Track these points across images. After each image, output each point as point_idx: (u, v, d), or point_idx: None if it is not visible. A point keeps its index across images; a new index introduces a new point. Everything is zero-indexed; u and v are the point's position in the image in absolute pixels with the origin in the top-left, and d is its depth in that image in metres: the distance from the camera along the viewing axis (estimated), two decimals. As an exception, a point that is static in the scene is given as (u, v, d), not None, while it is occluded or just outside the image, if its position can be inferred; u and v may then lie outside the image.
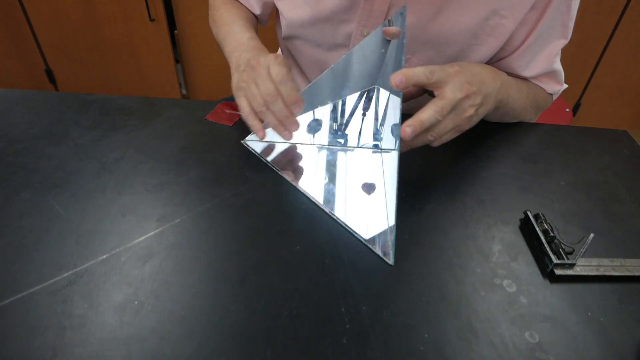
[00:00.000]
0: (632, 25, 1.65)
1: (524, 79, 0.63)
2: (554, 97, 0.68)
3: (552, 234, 0.45)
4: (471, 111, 0.48)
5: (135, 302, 0.39)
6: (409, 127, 0.45)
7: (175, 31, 1.79)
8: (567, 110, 1.25)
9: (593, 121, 1.94)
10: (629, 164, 0.59)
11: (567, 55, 1.73)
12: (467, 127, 0.50)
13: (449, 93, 0.46)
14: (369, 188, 0.51)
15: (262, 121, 0.55)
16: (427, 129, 0.47)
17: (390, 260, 0.44)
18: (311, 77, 0.75)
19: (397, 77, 0.45)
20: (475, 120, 0.51)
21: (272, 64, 0.53)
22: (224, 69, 1.87)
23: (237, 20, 0.68)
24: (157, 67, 1.88)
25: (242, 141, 0.53)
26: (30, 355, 0.35)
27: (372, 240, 0.46)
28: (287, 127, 0.54)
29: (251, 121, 0.55)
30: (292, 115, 0.53)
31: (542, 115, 1.23)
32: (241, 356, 0.36)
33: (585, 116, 1.92)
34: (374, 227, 0.47)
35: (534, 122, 0.67)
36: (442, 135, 0.48)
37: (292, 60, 0.77)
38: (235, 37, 0.64)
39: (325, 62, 0.69)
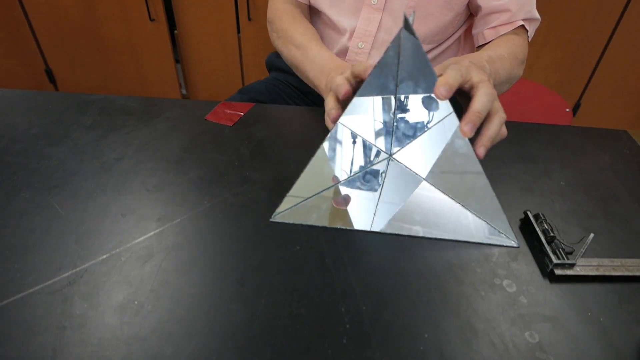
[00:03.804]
0: (632, 25, 1.65)
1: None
2: (530, 31, 0.69)
3: (552, 234, 0.45)
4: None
5: (135, 302, 0.39)
6: (467, 125, 0.42)
7: (175, 31, 1.79)
8: (567, 110, 1.25)
9: (593, 121, 1.94)
10: (629, 164, 0.59)
11: (567, 55, 1.75)
12: None
13: (477, 77, 0.46)
14: (344, 200, 0.48)
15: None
16: (489, 119, 0.46)
17: (514, 241, 0.46)
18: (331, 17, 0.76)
19: (442, 89, 0.41)
20: None
21: (333, 90, 0.52)
22: (224, 69, 1.89)
23: (310, 39, 0.70)
24: (157, 67, 1.88)
25: (270, 219, 0.49)
26: (30, 355, 0.35)
27: (487, 236, 0.46)
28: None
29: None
30: None
31: (542, 115, 1.24)
32: (241, 356, 0.36)
33: (585, 116, 1.92)
34: (478, 224, 0.46)
35: (521, 76, 0.67)
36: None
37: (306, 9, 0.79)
38: (314, 62, 0.66)
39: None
